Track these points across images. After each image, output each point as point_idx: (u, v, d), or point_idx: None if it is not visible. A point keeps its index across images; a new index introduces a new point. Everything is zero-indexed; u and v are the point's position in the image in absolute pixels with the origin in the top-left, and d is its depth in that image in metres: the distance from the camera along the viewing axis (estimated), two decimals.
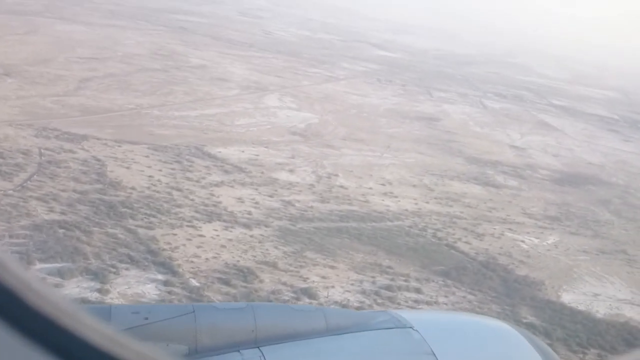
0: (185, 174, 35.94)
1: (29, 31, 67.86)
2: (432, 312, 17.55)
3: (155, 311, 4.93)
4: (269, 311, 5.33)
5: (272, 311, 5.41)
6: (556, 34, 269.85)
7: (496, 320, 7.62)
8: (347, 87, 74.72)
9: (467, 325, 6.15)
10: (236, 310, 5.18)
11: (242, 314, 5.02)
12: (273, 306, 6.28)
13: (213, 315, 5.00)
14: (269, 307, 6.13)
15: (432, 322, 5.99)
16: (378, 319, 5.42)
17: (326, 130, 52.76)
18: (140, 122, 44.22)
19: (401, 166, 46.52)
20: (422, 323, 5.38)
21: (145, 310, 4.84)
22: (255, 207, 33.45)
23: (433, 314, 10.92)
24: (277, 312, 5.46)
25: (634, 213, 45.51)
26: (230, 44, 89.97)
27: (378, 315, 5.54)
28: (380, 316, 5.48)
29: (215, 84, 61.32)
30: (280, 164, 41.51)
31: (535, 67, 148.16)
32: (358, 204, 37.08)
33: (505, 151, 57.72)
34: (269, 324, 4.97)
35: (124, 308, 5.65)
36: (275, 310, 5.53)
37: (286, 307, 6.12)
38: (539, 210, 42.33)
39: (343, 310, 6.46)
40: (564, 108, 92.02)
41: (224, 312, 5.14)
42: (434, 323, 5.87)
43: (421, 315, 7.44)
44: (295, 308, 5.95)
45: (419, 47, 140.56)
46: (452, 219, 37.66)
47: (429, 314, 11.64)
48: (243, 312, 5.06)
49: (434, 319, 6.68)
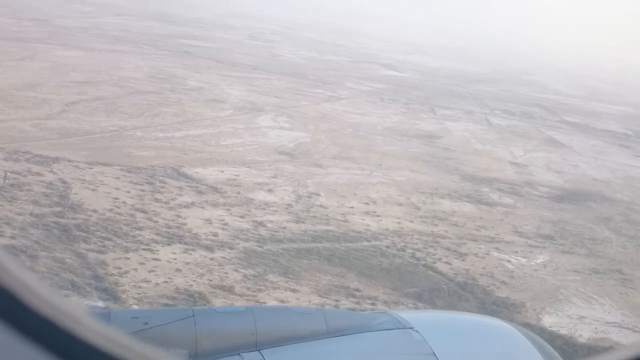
0: (154, 196, 34.71)
1: (26, 57, 67.87)
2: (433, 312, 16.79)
3: (154, 315, 4.90)
4: (269, 314, 5.33)
5: (272, 314, 5.42)
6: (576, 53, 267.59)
7: (497, 319, 7.23)
8: (347, 106, 73.40)
9: (468, 324, 6.14)
10: (236, 313, 5.18)
11: (242, 317, 5.00)
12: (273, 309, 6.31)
13: (213, 319, 4.98)
14: (269, 310, 6.16)
15: (433, 322, 5.96)
16: (378, 320, 5.42)
17: (316, 149, 51.36)
18: (120, 144, 43.26)
19: (390, 184, 44.85)
20: (423, 323, 5.38)
21: (144, 315, 4.83)
22: (223, 228, 32.04)
23: (433, 314, 11.04)
24: (277, 314, 5.44)
25: (635, 230, 43.17)
26: (233, 66, 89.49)
27: (378, 316, 5.54)
28: (381, 317, 5.49)
29: (209, 106, 60.44)
30: (259, 183, 40.13)
31: (551, 84, 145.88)
32: (335, 224, 35.47)
33: (505, 168, 55.70)
34: (269, 327, 4.95)
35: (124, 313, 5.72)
36: (275, 313, 5.53)
37: (286, 309, 5.98)
38: (532, 228, 40.28)
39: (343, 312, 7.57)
40: (575, 124, 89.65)
41: (223, 316, 5.14)
42: (434, 323, 5.85)
43: (421, 315, 7.37)
44: (295, 310, 5.74)
45: (431, 67, 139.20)
46: (435, 238, 35.84)
47: (429, 314, 11.73)
48: (243, 315, 5.04)
49: (434, 319, 6.68)
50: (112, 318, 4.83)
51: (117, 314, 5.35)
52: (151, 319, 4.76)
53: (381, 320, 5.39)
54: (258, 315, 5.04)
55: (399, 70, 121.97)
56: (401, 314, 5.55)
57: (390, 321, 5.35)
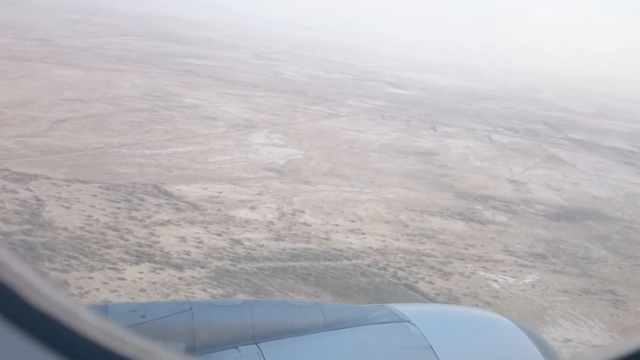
0: (130, 213, 33.82)
1: (22, 76, 67.70)
2: (430, 306, 17.28)
3: (152, 309, 4.84)
4: (266, 307, 5.29)
5: (269, 307, 5.36)
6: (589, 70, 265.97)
7: (494, 313, 6.98)
8: (346, 123, 72.56)
9: (465, 318, 6.11)
10: (234, 306, 5.13)
11: (239, 310, 4.99)
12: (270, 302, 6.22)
13: (210, 312, 4.94)
14: (267, 303, 6.01)
15: (430, 315, 5.92)
16: (375, 313, 5.40)
17: (307, 166, 50.42)
18: (103, 161, 42.55)
19: (379, 202, 43.75)
20: (420, 317, 5.37)
21: (142, 308, 4.79)
22: (197, 246, 31.06)
23: (431, 307, 10.93)
24: (275, 307, 5.37)
25: (633, 250, 41.71)
26: (233, 84, 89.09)
27: (375, 310, 5.50)
28: (378, 310, 5.47)
29: (202, 123, 59.79)
30: (243, 201, 39.19)
31: (559, 102, 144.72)
32: (317, 242, 34.39)
33: (502, 186, 54.43)
34: (266, 320, 4.94)
35: (122, 306, 5.34)
36: (272, 306, 5.46)
37: (284, 303, 5.73)
38: (524, 247, 38.96)
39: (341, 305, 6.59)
40: (580, 142, 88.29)
41: (221, 309, 5.07)
42: (431, 316, 5.81)
43: (418, 308, 7.22)
44: (293, 304, 5.60)
45: (436, 85, 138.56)
46: (420, 257, 34.65)
47: (426, 307, 11.59)
48: (240, 308, 5.03)
49: (432, 312, 6.63)
50: (110, 311, 4.80)
51: (114, 307, 5.31)
52: (149, 312, 4.73)
53: (378, 314, 5.38)
54: (255, 308, 5.04)
55: (403, 87, 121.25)
56: (398, 307, 5.54)
57: (387, 314, 5.35)
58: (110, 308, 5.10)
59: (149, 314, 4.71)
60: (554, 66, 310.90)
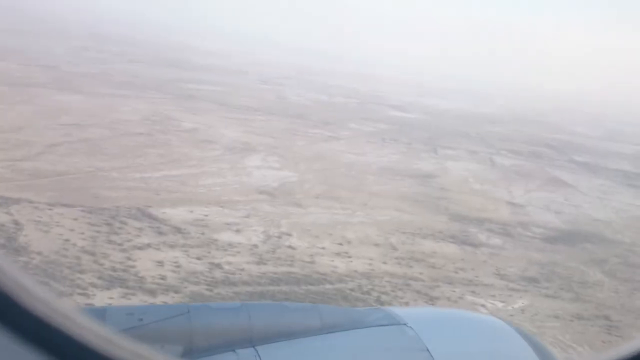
0: (109, 237, 33.24)
1: (22, 101, 67.84)
2: (426, 309, 17.32)
3: (149, 312, 4.83)
4: (263, 310, 5.27)
5: (267, 310, 5.33)
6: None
7: (490, 316, 7.18)
8: (345, 146, 72.01)
9: (461, 321, 6.07)
10: (231, 309, 5.09)
11: (236, 313, 4.97)
12: (268, 305, 5.88)
13: (208, 315, 4.91)
14: (264, 306, 5.77)
15: (426, 318, 5.89)
16: (372, 315, 5.41)
17: (301, 188, 49.77)
18: (90, 185, 42.13)
19: (371, 224, 42.93)
20: (416, 319, 5.38)
21: (139, 311, 4.76)
22: (174, 271, 30.37)
23: (428, 310, 10.97)
24: (272, 310, 5.34)
25: (631, 273, 40.48)
26: (235, 108, 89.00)
27: (372, 313, 5.51)
28: (375, 313, 5.48)
29: (199, 146, 59.46)
30: (229, 224, 38.53)
31: (567, 125, 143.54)
32: (300, 266, 33.59)
33: (500, 208, 53.40)
34: (264, 323, 4.93)
35: (119, 309, 5.24)
36: (270, 309, 5.41)
37: (281, 306, 5.64)
38: (516, 270, 37.90)
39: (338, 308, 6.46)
40: (585, 164, 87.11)
41: (218, 312, 5.03)
42: (427, 319, 5.79)
43: (415, 311, 7.23)
44: (290, 306, 5.55)
45: (441, 108, 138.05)
46: (406, 280, 33.73)
47: (423, 310, 11.66)
48: (238, 311, 5.01)
49: (428, 315, 6.60)
50: (108, 315, 4.76)
51: (112, 310, 5.23)
52: (146, 315, 4.70)
53: (375, 316, 5.38)
54: (253, 311, 5.03)
55: (407, 111, 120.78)
56: (395, 310, 5.54)
57: (384, 317, 5.36)
58: (108, 311, 5.08)
59: (146, 317, 4.68)
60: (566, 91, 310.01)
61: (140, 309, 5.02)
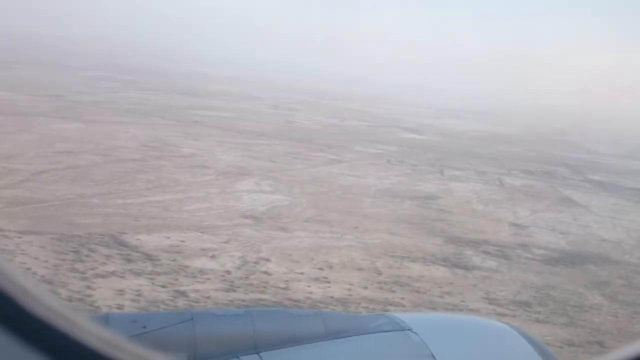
0: (73, 265, 31.85)
1: (18, 130, 67.51)
2: (431, 314, 17.14)
3: (153, 319, 4.82)
4: (267, 316, 5.26)
5: (270, 316, 5.33)
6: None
7: (495, 321, 6.59)
8: (347, 169, 70.30)
9: (466, 326, 6.09)
10: (235, 316, 5.09)
11: (240, 320, 4.97)
12: (272, 311, 5.80)
13: (211, 322, 4.91)
14: (268, 313, 5.65)
15: (431, 324, 5.82)
16: (376, 321, 5.38)
17: (290, 212, 48.08)
18: (67, 212, 40.95)
19: (358, 248, 41.03)
20: (421, 325, 5.33)
21: (143, 319, 4.76)
22: (134, 300, 28.80)
23: (432, 316, 10.75)
24: (276, 317, 5.32)
25: (635, 296, 37.94)
26: (239, 133, 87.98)
27: (377, 318, 5.49)
28: (379, 319, 5.45)
29: (191, 171, 58.21)
30: (204, 249, 36.95)
31: (586, 144, 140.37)
32: (272, 292, 31.81)
33: (501, 230, 51.07)
34: (267, 330, 4.92)
35: (122, 317, 5.22)
36: (273, 316, 5.40)
37: (285, 312, 5.51)
38: (508, 294, 35.64)
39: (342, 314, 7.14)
40: (600, 183, 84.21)
41: (222, 319, 5.04)
42: (432, 325, 5.71)
43: (420, 317, 6.92)
44: (294, 313, 5.48)
45: (457, 130, 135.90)
46: (385, 307, 31.69)
47: (427, 315, 11.48)
48: (241, 318, 5.01)
49: (433, 320, 6.54)
50: (111, 322, 4.72)
51: (115, 318, 5.19)
52: (150, 322, 4.68)
53: (379, 322, 5.36)
54: (257, 318, 5.01)
55: (419, 133, 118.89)
56: (399, 315, 5.51)
57: (388, 323, 5.33)
58: (111, 318, 5.02)
59: (150, 324, 4.65)
60: (588, 109, 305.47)
61: (143, 316, 4.99)
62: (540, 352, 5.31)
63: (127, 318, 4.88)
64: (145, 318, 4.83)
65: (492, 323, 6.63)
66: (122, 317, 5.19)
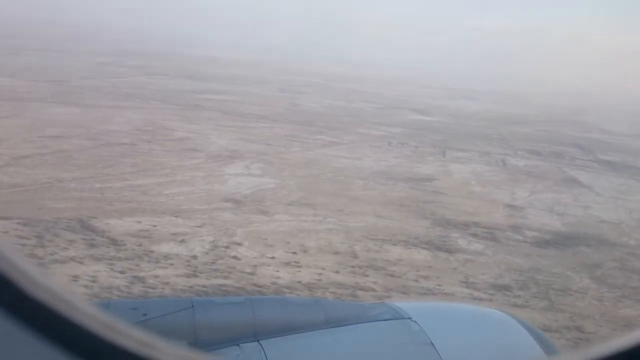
0: (33, 251, 30.93)
1: (11, 115, 66.93)
2: (431, 303, 17.10)
3: (153, 306, 4.86)
4: (268, 304, 5.25)
5: (271, 304, 5.30)
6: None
7: (495, 309, 6.55)
8: (344, 151, 68.70)
9: (466, 314, 6.11)
10: (235, 304, 5.10)
11: (241, 308, 4.97)
12: (272, 299, 6.10)
13: (212, 310, 4.93)
14: (268, 301, 5.67)
15: (430, 312, 5.89)
16: (376, 310, 5.39)
17: (275, 195, 46.79)
18: (40, 196, 40.07)
19: (338, 231, 39.64)
20: (421, 314, 5.36)
21: (143, 306, 4.79)
22: (87, 286, 27.76)
23: (432, 305, 10.76)
24: (276, 305, 5.32)
25: (625, 279, 36.14)
26: (239, 117, 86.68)
27: (376, 307, 5.50)
28: (379, 308, 5.46)
29: (179, 155, 57.12)
30: (175, 234, 35.83)
31: (601, 124, 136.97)
32: (237, 277, 30.62)
33: (495, 211, 49.29)
34: (268, 317, 4.93)
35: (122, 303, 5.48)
36: (274, 304, 5.38)
37: (285, 300, 5.78)
38: (488, 278, 34.08)
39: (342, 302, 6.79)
40: (609, 163, 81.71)
41: (222, 306, 5.04)
42: (432, 313, 5.78)
43: (420, 305, 6.72)
44: (294, 301, 5.60)
45: (468, 111, 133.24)
46: (355, 291, 30.40)
47: (427, 304, 11.54)
48: (242, 306, 5.01)
49: (433, 309, 6.58)
50: (111, 309, 4.73)
51: (115, 304, 5.31)
52: (150, 309, 4.69)
53: (379, 311, 5.35)
54: (257, 306, 5.01)
55: (428, 114, 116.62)
56: (399, 304, 5.53)
57: (388, 311, 5.32)
58: (112, 305, 5.09)
59: (151, 311, 4.65)
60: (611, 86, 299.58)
61: (144, 303, 4.96)
62: (539, 341, 5.28)
63: (128, 305, 4.91)
64: (145, 305, 4.83)
65: (492, 312, 6.66)
66: (122, 304, 5.24)
